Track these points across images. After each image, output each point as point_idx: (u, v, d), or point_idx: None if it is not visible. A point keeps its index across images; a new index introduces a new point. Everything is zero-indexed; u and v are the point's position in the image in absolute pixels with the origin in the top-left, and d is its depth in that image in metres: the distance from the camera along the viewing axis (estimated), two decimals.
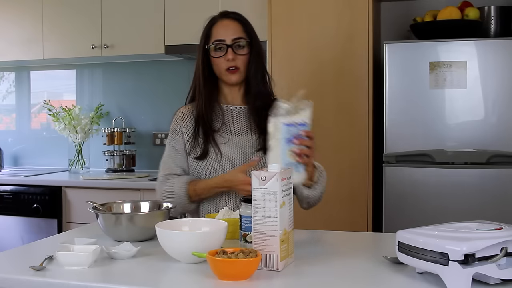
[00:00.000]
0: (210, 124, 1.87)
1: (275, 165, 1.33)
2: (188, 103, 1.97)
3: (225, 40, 1.85)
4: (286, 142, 1.55)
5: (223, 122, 1.89)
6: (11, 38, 3.81)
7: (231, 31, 1.86)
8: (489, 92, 2.66)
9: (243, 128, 1.90)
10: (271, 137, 1.56)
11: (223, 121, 1.89)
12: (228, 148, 1.86)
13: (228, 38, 1.85)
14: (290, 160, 1.56)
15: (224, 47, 1.85)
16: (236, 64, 1.85)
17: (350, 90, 2.91)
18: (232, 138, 1.88)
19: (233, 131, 1.89)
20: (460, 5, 2.92)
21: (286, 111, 1.55)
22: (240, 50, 1.86)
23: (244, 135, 1.89)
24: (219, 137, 1.87)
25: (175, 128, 1.94)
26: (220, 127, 1.88)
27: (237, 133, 1.89)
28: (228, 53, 1.84)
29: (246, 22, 1.92)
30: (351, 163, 2.86)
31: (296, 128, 1.56)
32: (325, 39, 2.95)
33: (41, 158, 4.16)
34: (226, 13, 1.93)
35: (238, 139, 1.88)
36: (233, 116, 1.91)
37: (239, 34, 1.86)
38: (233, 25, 1.88)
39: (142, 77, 3.94)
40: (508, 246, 1.12)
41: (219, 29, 1.88)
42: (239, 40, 1.86)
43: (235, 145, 1.87)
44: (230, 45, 1.84)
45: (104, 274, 1.32)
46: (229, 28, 1.87)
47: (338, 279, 1.29)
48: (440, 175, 2.71)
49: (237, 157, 1.86)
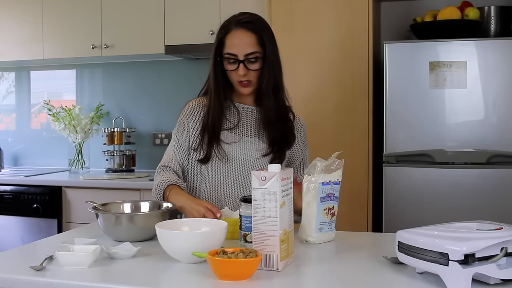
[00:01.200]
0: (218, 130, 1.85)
1: (275, 165, 1.34)
2: (202, 96, 1.95)
3: (238, 56, 1.78)
4: (321, 200, 1.58)
5: (237, 124, 1.87)
6: (11, 38, 3.81)
7: (244, 46, 1.78)
8: (489, 92, 2.66)
9: (253, 131, 1.89)
10: (307, 192, 1.58)
11: (238, 122, 1.88)
12: (236, 148, 1.86)
13: (240, 53, 1.78)
14: (324, 218, 1.59)
15: (237, 62, 1.79)
16: (248, 78, 1.81)
17: (350, 90, 2.91)
18: (242, 139, 1.87)
19: (243, 131, 1.88)
20: (460, 5, 2.92)
21: (321, 169, 1.58)
22: (252, 65, 1.79)
23: (252, 137, 1.88)
24: (230, 136, 1.86)
25: (183, 121, 1.93)
26: (234, 127, 1.87)
27: (247, 134, 1.88)
28: (240, 69, 1.78)
29: (262, 30, 1.82)
30: (351, 163, 2.85)
31: (331, 187, 1.60)
32: (325, 39, 2.96)
33: (41, 158, 4.16)
34: (241, 21, 1.81)
35: (246, 140, 1.88)
36: (244, 116, 1.90)
37: (252, 49, 1.78)
38: (247, 38, 1.79)
39: (142, 77, 3.94)
40: (508, 246, 1.12)
41: (232, 40, 1.80)
42: (252, 55, 1.79)
43: (243, 146, 1.87)
44: (242, 61, 1.78)
45: (104, 274, 1.32)
46: (242, 41, 1.79)
47: (338, 279, 1.29)
48: (440, 175, 2.71)
49: (242, 157, 1.86)
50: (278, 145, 1.87)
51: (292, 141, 1.91)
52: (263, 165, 1.86)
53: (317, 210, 1.58)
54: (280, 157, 1.88)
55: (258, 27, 1.82)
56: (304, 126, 1.99)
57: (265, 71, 1.82)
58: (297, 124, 1.95)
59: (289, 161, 1.95)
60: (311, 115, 2.96)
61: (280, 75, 1.87)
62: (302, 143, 1.96)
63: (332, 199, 1.60)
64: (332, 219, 1.62)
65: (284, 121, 1.88)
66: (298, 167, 1.96)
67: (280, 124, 1.87)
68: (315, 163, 1.60)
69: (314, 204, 1.57)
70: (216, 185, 1.88)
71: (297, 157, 1.95)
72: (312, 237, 1.58)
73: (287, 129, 1.89)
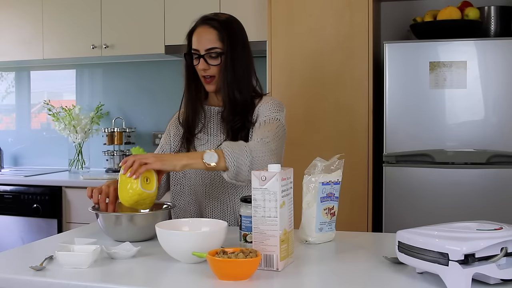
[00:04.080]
0: (191, 131, 1.92)
1: (275, 165, 1.34)
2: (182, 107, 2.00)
3: (199, 51, 1.84)
4: (321, 200, 1.58)
5: (204, 124, 1.93)
6: (11, 38, 3.81)
7: (204, 41, 1.84)
8: (489, 92, 2.66)
9: (217, 129, 1.92)
10: (307, 192, 1.58)
11: (204, 123, 1.93)
12: (204, 148, 1.89)
13: (201, 48, 1.84)
14: (324, 218, 1.59)
15: (199, 57, 1.85)
16: (211, 73, 1.85)
17: (350, 90, 2.91)
18: (210, 139, 1.92)
19: (211, 132, 1.93)
20: (460, 5, 2.92)
21: (321, 169, 1.58)
22: (212, 60, 1.84)
23: (216, 136, 1.92)
24: (198, 139, 1.92)
25: (167, 129, 2.03)
26: (202, 128, 1.92)
27: (215, 134, 1.92)
28: (200, 63, 1.84)
29: (224, 28, 1.85)
30: (351, 163, 2.86)
31: (331, 187, 1.60)
32: (325, 39, 2.96)
33: (41, 158, 4.16)
34: (205, 18, 1.88)
35: (212, 139, 1.91)
36: (212, 117, 1.94)
37: (212, 44, 1.83)
38: (208, 34, 1.84)
39: (142, 77, 3.94)
40: (508, 246, 1.11)
41: (195, 37, 1.86)
42: (212, 50, 1.83)
43: (209, 145, 1.91)
44: (202, 55, 1.84)
45: (104, 274, 1.32)
46: (203, 37, 1.84)
47: (338, 279, 1.29)
48: (440, 175, 2.71)
49: None
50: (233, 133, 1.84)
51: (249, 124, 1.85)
52: None
53: (317, 210, 1.58)
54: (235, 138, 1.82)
55: (221, 23, 1.85)
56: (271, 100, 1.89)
57: (227, 67, 1.84)
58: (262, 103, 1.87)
59: None
60: (311, 115, 2.96)
61: (243, 71, 1.86)
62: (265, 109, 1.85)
63: (332, 199, 1.61)
64: (332, 219, 1.62)
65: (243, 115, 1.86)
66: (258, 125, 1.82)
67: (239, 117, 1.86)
68: (315, 163, 1.60)
69: (314, 204, 1.57)
70: (196, 186, 1.91)
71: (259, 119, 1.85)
72: (312, 237, 1.58)
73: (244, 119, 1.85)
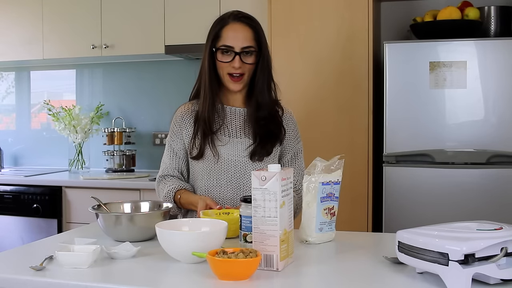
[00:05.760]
0: (210, 126, 1.86)
1: (275, 165, 1.34)
2: (192, 99, 1.95)
3: (234, 48, 1.78)
4: (321, 200, 1.58)
5: (223, 123, 1.88)
6: (11, 38, 3.81)
7: (241, 39, 1.79)
8: (489, 92, 2.66)
9: (240, 131, 1.89)
10: (307, 192, 1.58)
11: (223, 122, 1.88)
12: (226, 150, 1.86)
13: (237, 45, 1.78)
14: (324, 218, 1.59)
15: (232, 54, 1.79)
16: (242, 71, 1.81)
17: (350, 90, 2.91)
18: (231, 140, 1.87)
19: (232, 133, 1.88)
20: (460, 5, 2.92)
21: (321, 169, 1.58)
22: (247, 58, 1.80)
23: (240, 138, 1.88)
24: (217, 139, 1.86)
25: (175, 129, 1.94)
26: (219, 128, 1.87)
27: (235, 135, 1.88)
28: (235, 61, 1.78)
29: (258, 28, 1.84)
30: (351, 163, 2.86)
31: (331, 187, 1.60)
32: (325, 39, 2.95)
33: (41, 158, 4.16)
34: (238, 16, 1.83)
35: (236, 141, 1.87)
36: (233, 118, 1.90)
37: (249, 43, 1.79)
38: (244, 32, 1.80)
39: (142, 77, 3.94)
40: (508, 246, 1.12)
41: (229, 33, 1.80)
42: (247, 49, 1.79)
43: (232, 147, 1.87)
44: (238, 53, 1.78)
45: (104, 274, 1.32)
46: (240, 34, 1.79)
47: (338, 279, 1.29)
48: (440, 175, 2.71)
49: (233, 159, 1.86)
50: (261, 139, 1.85)
51: (280, 136, 1.90)
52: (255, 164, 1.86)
53: (317, 210, 1.58)
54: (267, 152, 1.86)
55: (256, 23, 1.85)
56: (294, 120, 1.97)
57: (259, 67, 1.83)
58: (286, 118, 1.94)
59: (281, 155, 1.94)
60: (311, 115, 2.96)
61: (271, 73, 1.89)
62: (293, 136, 1.95)
63: (332, 199, 1.60)
64: (332, 219, 1.62)
65: (270, 117, 1.88)
66: (289, 160, 1.94)
67: (265, 120, 1.86)
68: (315, 163, 1.60)
69: (314, 204, 1.57)
70: (210, 188, 1.87)
71: (288, 151, 1.94)
72: (312, 237, 1.58)
73: (272, 125, 1.88)
